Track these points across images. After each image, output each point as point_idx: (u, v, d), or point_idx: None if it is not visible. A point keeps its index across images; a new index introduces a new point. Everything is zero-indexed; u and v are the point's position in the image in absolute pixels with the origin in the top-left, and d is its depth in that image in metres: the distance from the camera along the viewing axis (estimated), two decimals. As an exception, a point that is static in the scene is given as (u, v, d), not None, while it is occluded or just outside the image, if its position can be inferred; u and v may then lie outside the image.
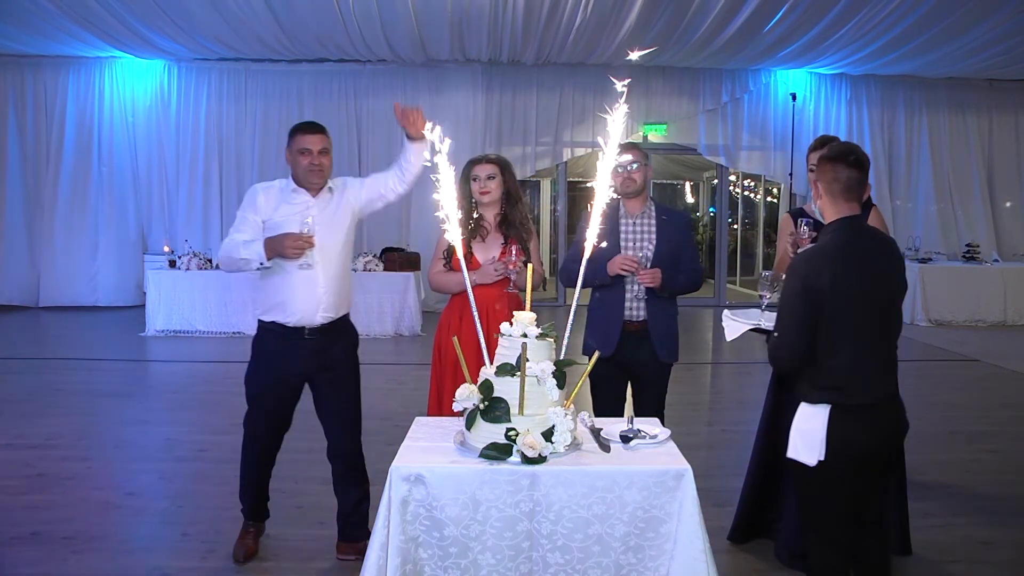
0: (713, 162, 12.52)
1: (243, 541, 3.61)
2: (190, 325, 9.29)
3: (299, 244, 3.22)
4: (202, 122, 11.53)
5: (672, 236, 3.71)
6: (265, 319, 3.46)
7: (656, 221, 3.73)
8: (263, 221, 3.41)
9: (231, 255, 3.36)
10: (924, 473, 4.65)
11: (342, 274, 3.48)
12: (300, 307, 3.38)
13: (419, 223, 11.36)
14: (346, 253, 3.52)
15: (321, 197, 3.46)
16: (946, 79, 11.89)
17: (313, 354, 3.43)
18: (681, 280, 3.69)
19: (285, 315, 3.39)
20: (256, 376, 3.50)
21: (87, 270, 11.39)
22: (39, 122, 11.40)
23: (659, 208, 3.78)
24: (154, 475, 4.70)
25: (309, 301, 3.38)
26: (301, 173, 3.42)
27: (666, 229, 3.71)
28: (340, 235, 3.47)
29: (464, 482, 2.31)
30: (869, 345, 2.52)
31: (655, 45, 8.55)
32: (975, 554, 3.72)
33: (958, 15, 8.97)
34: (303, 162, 3.39)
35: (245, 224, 3.42)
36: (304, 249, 3.24)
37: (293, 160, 3.43)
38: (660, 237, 3.70)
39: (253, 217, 3.42)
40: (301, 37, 10.12)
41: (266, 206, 3.43)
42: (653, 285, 3.56)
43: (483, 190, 3.70)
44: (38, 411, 5.97)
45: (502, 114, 11.73)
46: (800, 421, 2.60)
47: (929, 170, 12.05)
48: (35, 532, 3.80)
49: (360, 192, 3.56)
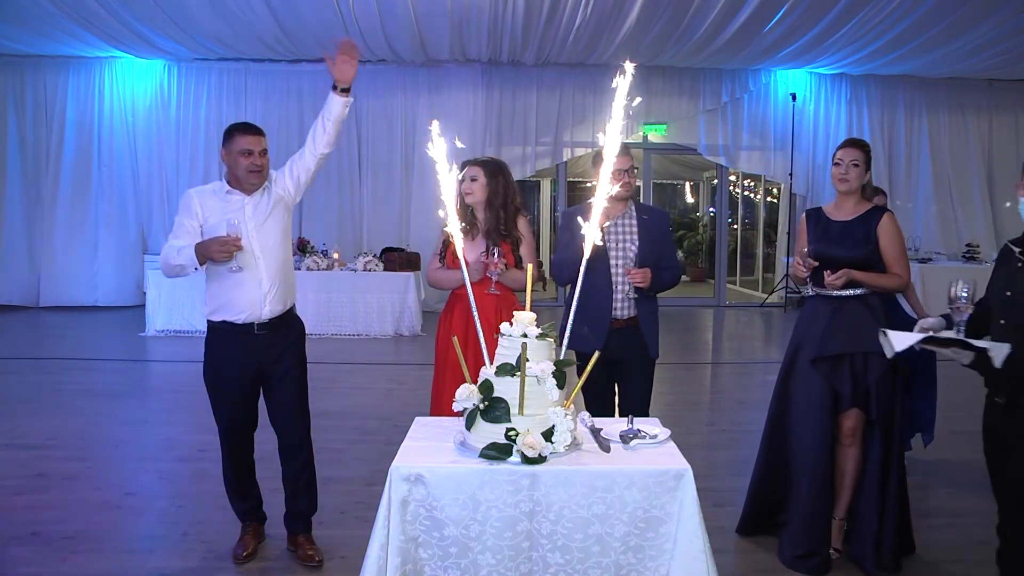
0: (713, 162, 12.52)
1: (242, 541, 3.62)
2: (190, 325, 9.28)
3: (226, 247, 3.25)
4: (202, 122, 11.52)
5: (655, 236, 3.78)
6: (214, 319, 3.48)
7: (638, 221, 3.78)
8: (200, 225, 3.44)
9: (168, 261, 3.41)
10: (925, 474, 4.65)
11: (284, 267, 3.52)
12: (247, 304, 3.42)
13: (419, 222, 11.37)
14: (285, 246, 3.55)
15: (254, 196, 3.48)
16: (946, 79, 11.89)
17: (264, 348, 3.47)
18: (666, 278, 3.78)
19: (233, 313, 3.43)
20: (213, 377, 3.53)
21: (87, 270, 11.40)
22: (39, 122, 11.40)
23: (639, 207, 3.83)
24: (154, 475, 4.70)
25: (255, 298, 3.42)
26: (241, 174, 3.42)
27: (648, 229, 3.77)
28: (277, 230, 3.51)
29: (464, 482, 2.31)
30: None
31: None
32: (976, 554, 3.71)
33: (958, 15, 8.97)
34: (244, 163, 3.40)
35: (181, 230, 3.44)
36: (231, 251, 3.27)
37: (232, 161, 3.43)
38: (643, 237, 3.75)
39: (189, 222, 3.44)
40: (301, 37, 10.12)
41: (201, 210, 3.45)
42: (643, 285, 3.62)
43: (466, 191, 3.77)
44: (38, 411, 5.97)
45: (502, 114, 11.73)
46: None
47: (929, 170, 12.05)
48: (35, 532, 3.80)
49: (286, 180, 3.58)
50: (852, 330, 3.47)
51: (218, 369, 3.50)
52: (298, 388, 3.58)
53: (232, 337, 3.45)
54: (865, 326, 3.44)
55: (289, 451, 3.60)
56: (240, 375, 3.47)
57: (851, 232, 3.54)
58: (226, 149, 3.44)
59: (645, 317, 3.74)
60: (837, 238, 3.55)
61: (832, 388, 3.49)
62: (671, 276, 3.82)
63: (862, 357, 3.46)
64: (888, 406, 3.48)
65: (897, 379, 3.50)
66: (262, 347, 3.46)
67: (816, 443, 3.50)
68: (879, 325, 3.43)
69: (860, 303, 3.51)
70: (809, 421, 3.53)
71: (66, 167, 11.34)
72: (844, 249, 3.50)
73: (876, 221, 3.54)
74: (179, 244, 3.39)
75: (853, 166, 3.54)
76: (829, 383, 3.49)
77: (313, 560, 3.53)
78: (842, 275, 3.42)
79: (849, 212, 3.60)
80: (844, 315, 3.50)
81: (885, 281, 3.52)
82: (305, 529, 3.63)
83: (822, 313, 3.56)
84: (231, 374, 3.47)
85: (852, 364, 3.47)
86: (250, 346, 3.45)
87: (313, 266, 9.47)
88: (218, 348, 3.50)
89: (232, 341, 3.45)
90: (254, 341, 3.45)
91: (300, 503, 3.62)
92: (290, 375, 3.54)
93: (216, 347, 3.51)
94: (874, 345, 3.36)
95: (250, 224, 3.42)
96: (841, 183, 3.57)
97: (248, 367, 3.47)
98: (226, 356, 3.47)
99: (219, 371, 3.50)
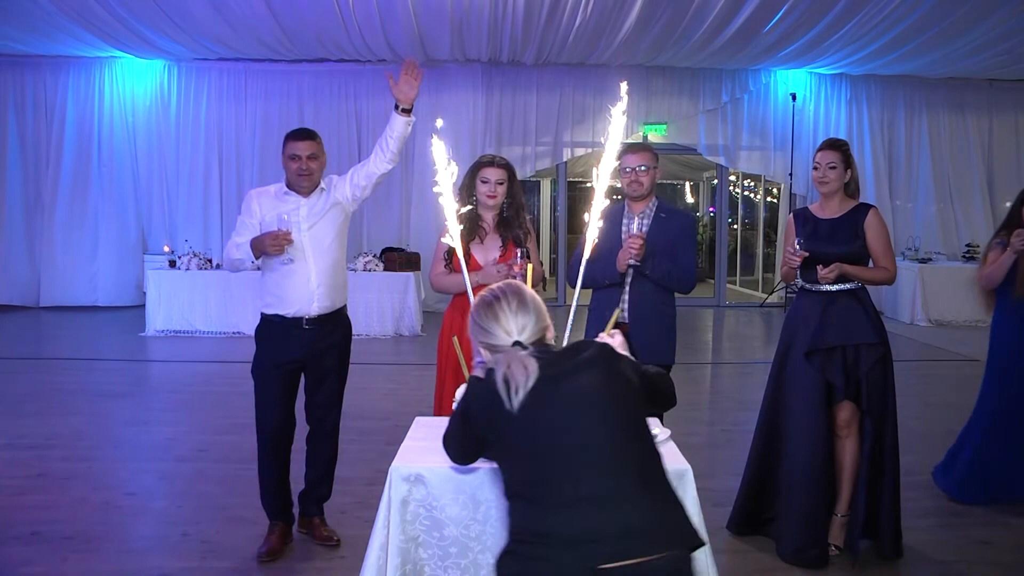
0: (713, 162, 12.52)
1: (268, 539, 3.64)
2: (190, 325, 9.29)
3: (277, 241, 3.44)
4: (202, 122, 11.52)
5: (669, 234, 3.62)
6: (267, 312, 3.67)
7: (654, 219, 3.67)
8: (258, 223, 3.64)
9: (229, 257, 3.70)
10: (924, 473, 4.65)
11: (334, 268, 3.69)
12: (297, 299, 3.60)
13: (419, 223, 11.36)
14: (338, 248, 3.72)
15: (311, 198, 3.66)
16: (946, 79, 11.88)
17: (311, 343, 3.64)
18: (667, 267, 3.56)
19: (284, 307, 3.62)
20: (259, 364, 3.67)
21: (87, 270, 11.39)
22: (39, 122, 11.40)
23: (660, 207, 3.71)
24: (154, 475, 4.70)
25: (303, 294, 3.60)
26: (292, 178, 3.64)
27: (663, 225, 3.64)
28: (330, 231, 3.68)
29: (464, 482, 2.32)
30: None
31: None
32: (975, 554, 3.73)
33: (958, 15, 8.96)
34: (292, 167, 3.60)
35: (242, 227, 3.69)
36: (283, 245, 3.46)
37: (285, 165, 3.64)
38: (653, 231, 3.61)
39: (249, 220, 3.67)
40: (301, 37, 10.12)
41: (259, 209, 3.66)
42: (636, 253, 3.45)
43: (490, 194, 3.68)
44: (38, 411, 5.98)
45: (502, 114, 11.73)
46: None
47: (929, 170, 12.04)
48: (35, 532, 3.80)
49: (345, 187, 3.73)
50: (844, 323, 3.54)
51: (267, 359, 3.65)
52: (338, 383, 3.78)
53: (282, 330, 3.62)
54: (856, 319, 3.54)
55: (320, 440, 3.79)
56: (286, 366, 3.64)
57: (839, 229, 3.62)
58: (283, 154, 3.65)
59: (640, 319, 3.58)
60: (826, 235, 3.62)
61: (825, 381, 3.54)
62: (676, 270, 3.59)
63: (853, 349, 3.53)
64: (879, 398, 3.53)
65: (887, 370, 3.56)
66: (309, 341, 3.64)
67: (812, 436, 3.55)
68: (869, 318, 3.56)
69: (851, 297, 3.59)
70: (804, 414, 3.57)
71: (66, 167, 11.33)
72: (833, 245, 3.58)
73: (863, 217, 3.62)
74: (239, 240, 3.64)
75: (830, 168, 3.63)
76: (822, 376, 3.54)
77: (332, 540, 3.70)
78: (835, 268, 3.50)
79: (835, 210, 3.69)
80: (836, 309, 3.57)
81: (874, 274, 3.62)
82: (320, 512, 3.80)
83: (814, 308, 3.61)
84: (278, 364, 3.62)
85: (844, 356, 3.53)
86: (298, 339, 3.62)
87: (313, 266, 9.45)
88: (268, 339, 3.67)
89: (281, 334, 3.62)
90: (302, 335, 3.62)
91: (322, 489, 3.81)
92: (333, 370, 3.73)
93: (266, 338, 3.68)
94: (865, 337, 3.50)
95: (304, 224, 3.60)
96: (820, 185, 3.68)
97: (294, 359, 3.64)
98: (274, 346, 3.64)
99: (267, 361, 3.65)
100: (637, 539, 1.78)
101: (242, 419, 5.75)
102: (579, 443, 1.86)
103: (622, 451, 1.87)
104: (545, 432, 1.87)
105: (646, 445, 1.93)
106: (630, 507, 1.81)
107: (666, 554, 1.79)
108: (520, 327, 2.01)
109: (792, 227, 3.77)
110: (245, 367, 3.64)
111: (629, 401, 1.95)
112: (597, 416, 1.88)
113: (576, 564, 1.76)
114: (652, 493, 1.86)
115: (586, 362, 1.95)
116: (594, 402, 1.89)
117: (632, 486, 1.84)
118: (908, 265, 10.66)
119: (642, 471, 1.88)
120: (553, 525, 1.80)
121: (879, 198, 11.49)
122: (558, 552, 1.78)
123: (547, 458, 1.86)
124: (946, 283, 10.71)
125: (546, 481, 1.85)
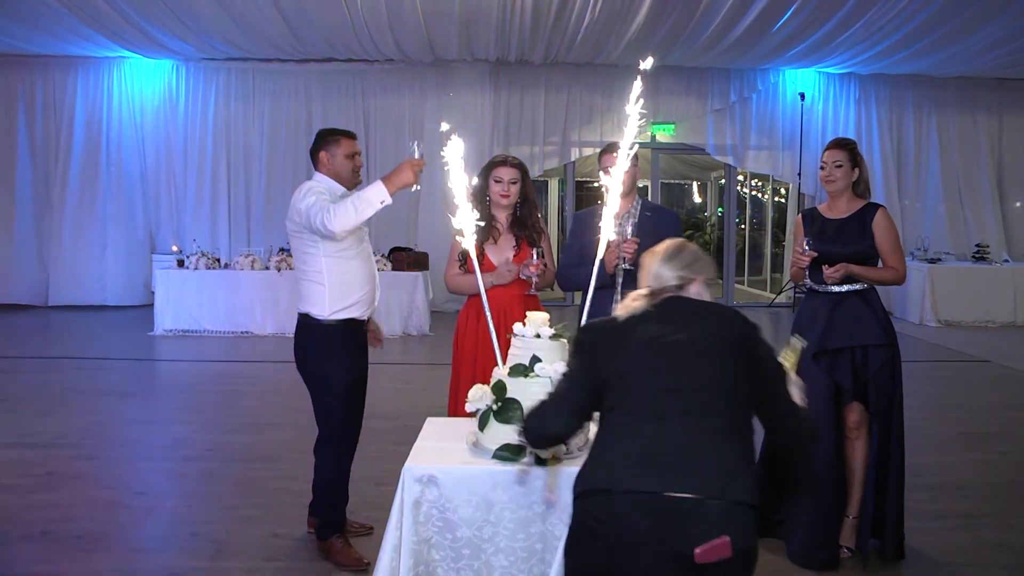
0: (721, 162, 12.49)
1: (349, 551, 3.51)
2: (198, 324, 9.29)
3: (417, 167, 3.28)
4: (210, 122, 11.54)
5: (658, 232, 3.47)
6: (339, 317, 3.49)
7: (639, 219, 3.65)
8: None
9: (346, 214, 3.27)
10: (935, 475, 4.63)
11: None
12: (369, 298, 3.58)
13: (427, 222, 11.35)
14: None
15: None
16: (955, 78, 11.81)
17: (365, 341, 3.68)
18: None
19: (362, 309, 3.55)
20: (345, 374, 3.53)
21: (96, 269, 11.42)
22: (48, 122, 11.44)
23: (645, 205, 3.70)
24: (163, 474, 4.70)
25: (374, 291, 3.60)
26: (348, 175, 3.56)
27: (651, 224, 3.60)
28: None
29: (477, 483, 2.31)
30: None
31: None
32: (987, 557, 3.70)
33: (968, 14, 8.92)
34: (350, 165, 3.56)
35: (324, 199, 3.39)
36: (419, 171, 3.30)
37: (338, 164, 3.55)
38: (642, 231, 3.57)
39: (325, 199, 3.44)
40: (309, 37, 10.13)
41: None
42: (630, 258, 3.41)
43: (504, 193, 3.67)
44: (47, 410, 5.98)
45: (510, 113, 11.72)
46: None
47: (938, 170, 11.98)
48: (45, 531, 3.80)
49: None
50: (852, 324, 3.53)
51: (345, 369, 3.53)
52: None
53: (353, 335, 3.56)
54: (865, 320, 3.53)
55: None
56: (362, 374, 3.63)
57: (847, 229, 3.60)
58: (328, 152, 3.55)
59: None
60: (834, 235, 3.60)
61: (833, 382, 3.52)
62: None
63: (861, 350, 3.51)
64: (887, 399, 3.52)
65: (895, 371, 3.55)
66: (365, 343, 3.66)
67: (821, 437, 3.51)
68: (877, 319, 3.54)
69: (859, 298, 3.57)
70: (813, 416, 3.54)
71: (75, 167, 11.37)
72: (841, 245, 3.56)
73: (871, 217, 3.59)
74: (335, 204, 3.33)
75: (836, 167, 3.62)
76: (830, 377, 3.51)
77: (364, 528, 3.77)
78: (840, 268, 3.47)
79: (843, 210, 3.67)
80: (844, 310, 3.55)
81: (882, 274, 3.60)
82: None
83: (821, 309, 3.60)
84: (357, 373, 3.59)
85: (852, 357, 3.51)
86: (362, 342, 3.63)
87: (321, 266, 9.45)
88: (344, 347, 3.53)
89: (354, 339, 3.57)
90: (363, 335, 3.63)
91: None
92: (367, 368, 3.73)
93: (342, 346, 3.52)
94: (872, 338, 3.48)
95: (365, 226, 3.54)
96: (827, 184, 3.67)
97: (364, 363, 3.65)
98: (352, 355, 3.56)
99: (348, 371, 3.54)
100: (707, 477, 1.86)
101: (250, 419, 5.78)
102: (691, 375, 1.98)
103: (726, 393, 1.97)
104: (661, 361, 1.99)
105: (748, 405, 2.02)
106: (714, 447, 1.90)
107: (726, 501, 1.84)
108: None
109: (800, 227, 3.76)
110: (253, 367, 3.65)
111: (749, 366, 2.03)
112: (717, 359, 2.00)
113: (643, 484, 1.84)
114: (737, 443, 1.95)
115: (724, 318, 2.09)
116: (718, 347, 2.02)
117: (723, 430, 1.93)
118: (917, 265, 10.61)
119: (736, 422, 1.96)
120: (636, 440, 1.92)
121: (888, 198, 11.43)
122: (628, 471, 1.88)
123: (652, 379, 1.98)
124: (955, 283, 10.67)
125: (647, 396, 1.96)
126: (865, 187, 3.70)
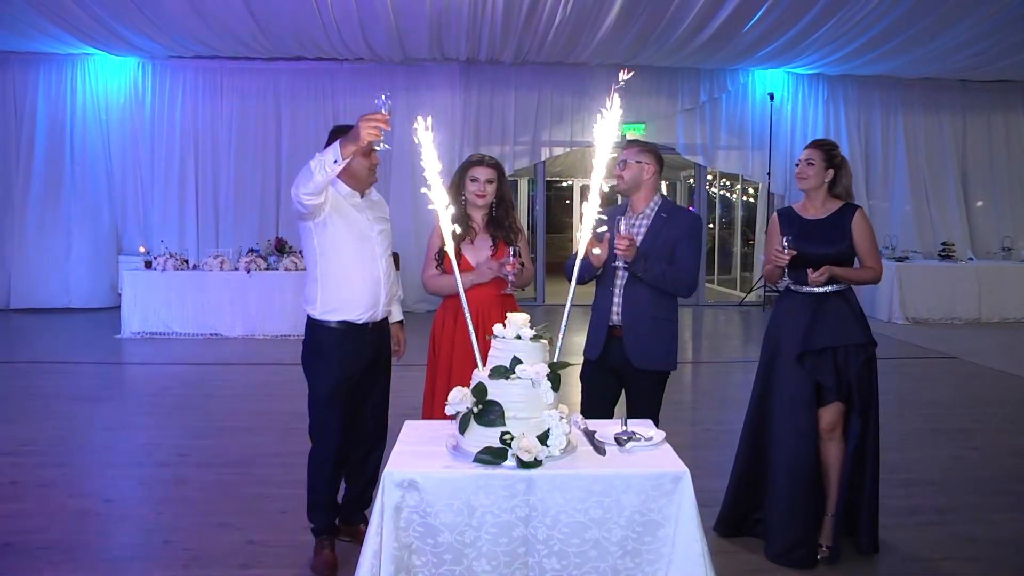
0: (691, 161, 12.57)
1: (323, 554, 3.46)
2: (166, 327, 9.16)
3: (374, 122, 2.79)
4: (177, 121, 11.39)
5: (667, 235, 3.55)
6: (332, 318, 3.42)
7: (653, 218, 3.61)
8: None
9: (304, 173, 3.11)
10: (908, 471, 4.68)
11: (391, 272, 3.58)
12: (369, 301, 3.43)
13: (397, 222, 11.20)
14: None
15: (367, 197, 3.54)
16: (921, 79, 12.02)
17: (372, 348, 3.53)
18: (661, 269, 3.47)
19: (356, 312, 3.42)
20: (327, 378, 3.45)
21: (60, 271, 11.20)
22: (8, 120, 11.20)
23: (663, 206, 3.63)
24: (133, 481, 4.60)
25: (376, 295, 3.45)
26: (365, 174, 3.45)
27: (661, 226, 3.57)
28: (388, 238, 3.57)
29: (458, 487, 2.27)
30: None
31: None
32: (961, 551, 3.74)
33: (933, 18, 9.08)
34: (366, 164, 3.42)
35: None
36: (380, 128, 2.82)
37: (354, 162, 3.29)
38: (650, 232, 3.56)
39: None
40: (278, 35, 10.02)
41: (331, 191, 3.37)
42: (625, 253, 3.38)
43: (480, 193, 3.64)
44: (11, 416, 5.84)
45: (480, 113, 11.70)
46: None
47: (905, 169, 12.18)
48: (8, 543, 3.70)
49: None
50: (835, 324, 3.55)
51: (332, 371, 3.43)
52: (388, 384, 3.71)
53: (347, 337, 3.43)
54: (847, 320, 3.56)
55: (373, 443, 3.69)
56: (352, 376, 3.49)
57: (827, 229, 3.62)
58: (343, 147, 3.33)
59: (635, 323, 3.52)
60: (814, 235, 3.61)
61: (813, 382, 3.54)
62: (671, 272, 3.49)
63: (843, 350, 3.54)
64: (866, 397, 3.57)
65: (873, 370, 3.59)
66: (370, 346, 3.52)
67: (801, 437, 3.55)
68: (857, 319, 3.58)
69: (840, 298, 3.60)
70: (793, 416, 3.57)
71: (37, 166, 11.15)
72: (822, 246, 3.57)
73: (849, 218, 3.63)
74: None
75: (808, 165, 3.65)
76: (813, 377, 3.54)
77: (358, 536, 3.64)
78: (825, 271, 3.49)
79: (819, 210, 3.68)
80: (826, 310, 3.57)
81: (861, 275, 3.64)
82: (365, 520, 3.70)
83: (801, 309, 3.61)
84: (345, 375, 3.45)
85: (835, 357, 3.54)
86: (362, 345, 3.48)
87: (291, 267, 9.35)
88: (333, 348, 3.43)
89: (348, 341, 3.44)
90: (365, 340, 3.48)
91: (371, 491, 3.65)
92: (386, 371, 3.67)
93: (331, 348, 3.44)
94: (855, 338, 3.52)
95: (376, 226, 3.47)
96: (799, 181, 3.71)
97: (359, 367, 3.50)
98: (342, 357, 3.43)
99: (334, 373, 3.43)
100: None
101: (222, 423, 5.69)
102: None
103: None
104: None
105: None
106: None
107: None
108: None
109: (776, 226, 3.76)
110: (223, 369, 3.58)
111: None
112: None
113: None
114: None
115: None
116: None
117: None
118: (885, 264, 10.61)
119: None
120: None
121: (856, 197, 11.53)
122: None
123: None
124: (922, 281, 10.84)
125: None
126: (844, 190, 3.71)
